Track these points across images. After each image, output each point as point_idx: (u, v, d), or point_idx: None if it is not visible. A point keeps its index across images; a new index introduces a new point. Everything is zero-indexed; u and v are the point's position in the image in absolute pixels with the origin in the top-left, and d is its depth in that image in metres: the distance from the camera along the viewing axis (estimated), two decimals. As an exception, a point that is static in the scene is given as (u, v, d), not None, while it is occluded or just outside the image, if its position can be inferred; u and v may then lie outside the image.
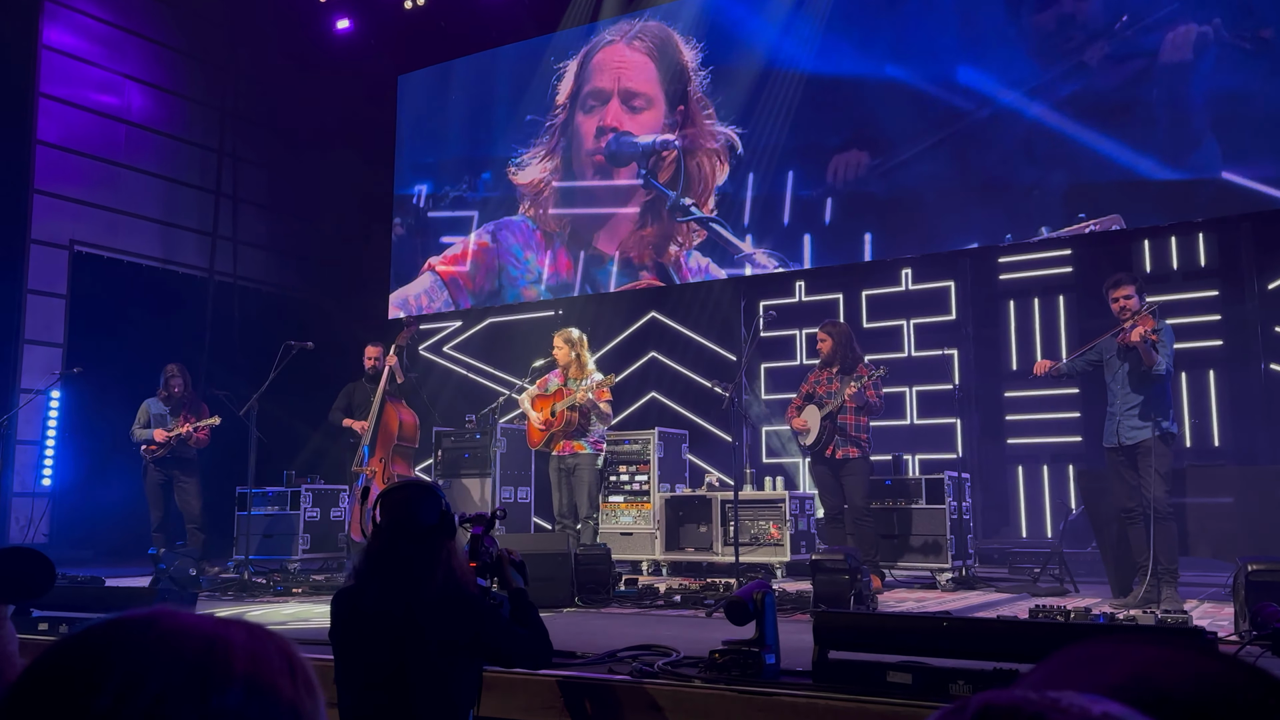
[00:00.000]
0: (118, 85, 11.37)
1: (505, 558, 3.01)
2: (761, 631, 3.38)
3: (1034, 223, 8.68)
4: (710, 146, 10.37)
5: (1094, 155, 8.42)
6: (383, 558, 2.59)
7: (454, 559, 2.63)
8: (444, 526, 2.64)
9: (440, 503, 2.66)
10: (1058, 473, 8.87)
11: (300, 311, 12.21)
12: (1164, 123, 8.17)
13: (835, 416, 6.89)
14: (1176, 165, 8.10)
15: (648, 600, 6.16)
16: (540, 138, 11.50)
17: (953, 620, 3.42)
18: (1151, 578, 5.63)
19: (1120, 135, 8.32)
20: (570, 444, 7.15)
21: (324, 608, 6.12)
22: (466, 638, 2.58)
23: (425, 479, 2.85)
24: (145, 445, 8.22)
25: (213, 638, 0.69)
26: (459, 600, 2.57)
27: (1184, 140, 8.08)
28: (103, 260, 11.02)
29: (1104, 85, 8.43)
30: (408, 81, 12.78)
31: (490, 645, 2.65)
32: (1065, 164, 8.56)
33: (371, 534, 2.67)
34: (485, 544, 2.98)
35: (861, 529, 6.84)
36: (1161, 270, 8.55)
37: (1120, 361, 5.89)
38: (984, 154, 8.93)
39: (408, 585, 2.53)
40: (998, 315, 9.33)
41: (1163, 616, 4.53)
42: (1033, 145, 8.70)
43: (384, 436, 7.59)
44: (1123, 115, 8.33)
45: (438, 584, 2.54)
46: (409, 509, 2.62)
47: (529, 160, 11.52)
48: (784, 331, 10.02)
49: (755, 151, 10.08)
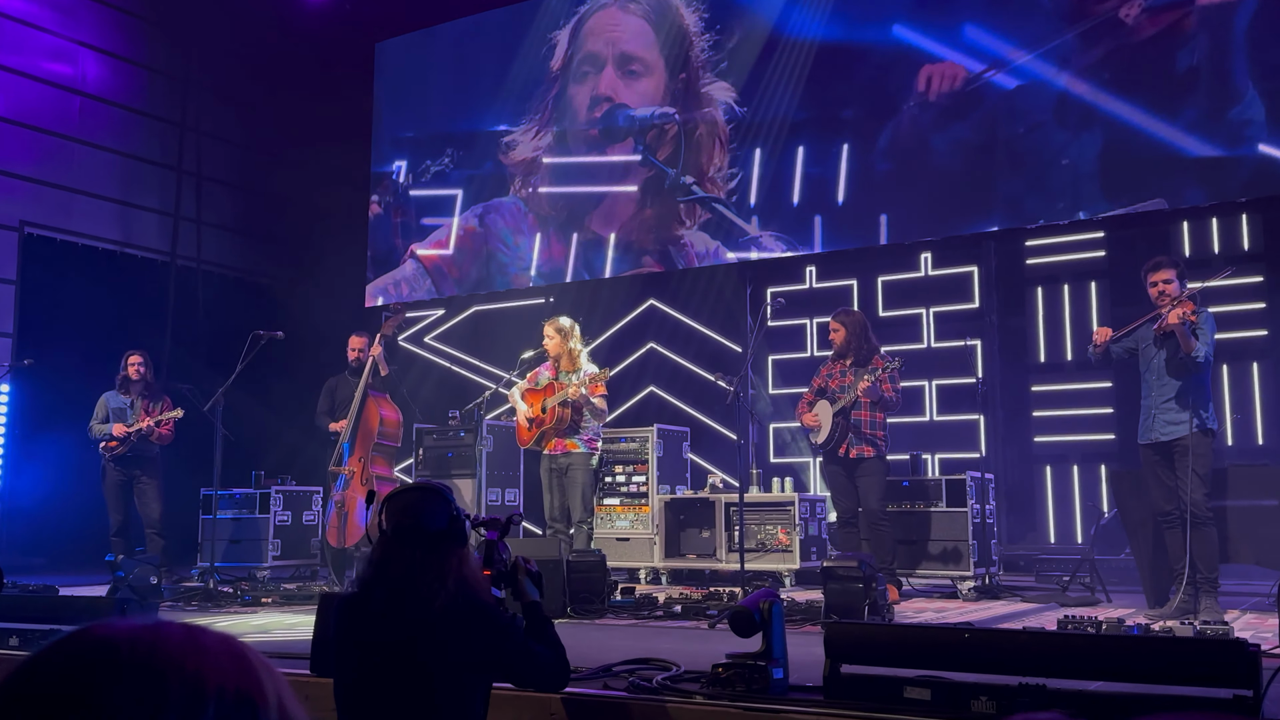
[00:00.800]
0: (71, 53, 11.34)
1: (521, 566, 2.99)
2: (769, 644, 3.39)
3: (1063, 202, 8.67)
4: (713, 119, 10.36)
5: (1127, 129, 8.40)
6: (388, 566, 2.57)
7: (465, 567, 2.60)
8: (454, 532, 2.62)
9: (450, 507, 2.65)
10: (1089, 473, 8.88)
11: (270, 298, 12.21)
12: (1204, 90, 8.16)
13: (849, 412, 6.90)
14: (1217, 140, 8.08)
15: (646, 611, 6.17)
16: (530, 111, 11.47)
17: (975, 632, 3.43)
18: (1189, 586, 5.64)
19: (1155, 106, 8.30)
20: (562, 442, 7.16)
21: (295, 618, 6.14)
22: (480, 654, 2.57)
23: (435, 481, 2.81)
24: (104, 442, 8.22)
25: (182, 657, 0.71)
26: (472, 613, 2.54)
27: (1226, 110, 8.07)
28: (55, 243, 11.00)
29: (1137, 46, 8.40)
30: (385, 50, 12.75)
31: (505, 664, 2.63)
32: (1096, 137, 8.54)
33: (376, 540, 2.65)
34: (500, 551, 2.96)
35: (877, 534, 6.85)
36: (1202, 254, 8.55)
37: (1156, 349, 5.89)
38: (1010, 127, 8.92)
39: (416, 596, 2.51)
40: (1024, 303, 9.33)
41: (1201, 628, 4.54)
42: (1065, 116, 8.68)
43: (363, 434, 7.58)
44: (1158, 83, 8.31)
45: (448, 595, 2.52)
46: (415, 513, 2.60)
47: (520, 138, 11.50)
48: (793, 321, 10.02)
49: (762, 125, 10.07)
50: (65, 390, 9.79)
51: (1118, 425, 8.57)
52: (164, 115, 12.14)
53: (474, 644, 2.55)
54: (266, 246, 12.96)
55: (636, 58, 10.92)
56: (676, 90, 10.62)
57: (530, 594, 2.97)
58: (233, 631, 5.50)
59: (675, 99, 10.61)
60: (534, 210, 11.36)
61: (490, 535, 2.98)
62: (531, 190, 11.37)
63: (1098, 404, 8.83)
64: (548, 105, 11.39)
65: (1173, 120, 8.24)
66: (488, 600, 2.67)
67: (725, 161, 10.27)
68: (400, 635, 2.51)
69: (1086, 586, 6.91)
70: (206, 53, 12.37)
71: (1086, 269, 9.12)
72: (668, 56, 10.73)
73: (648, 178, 10.68)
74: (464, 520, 2.69)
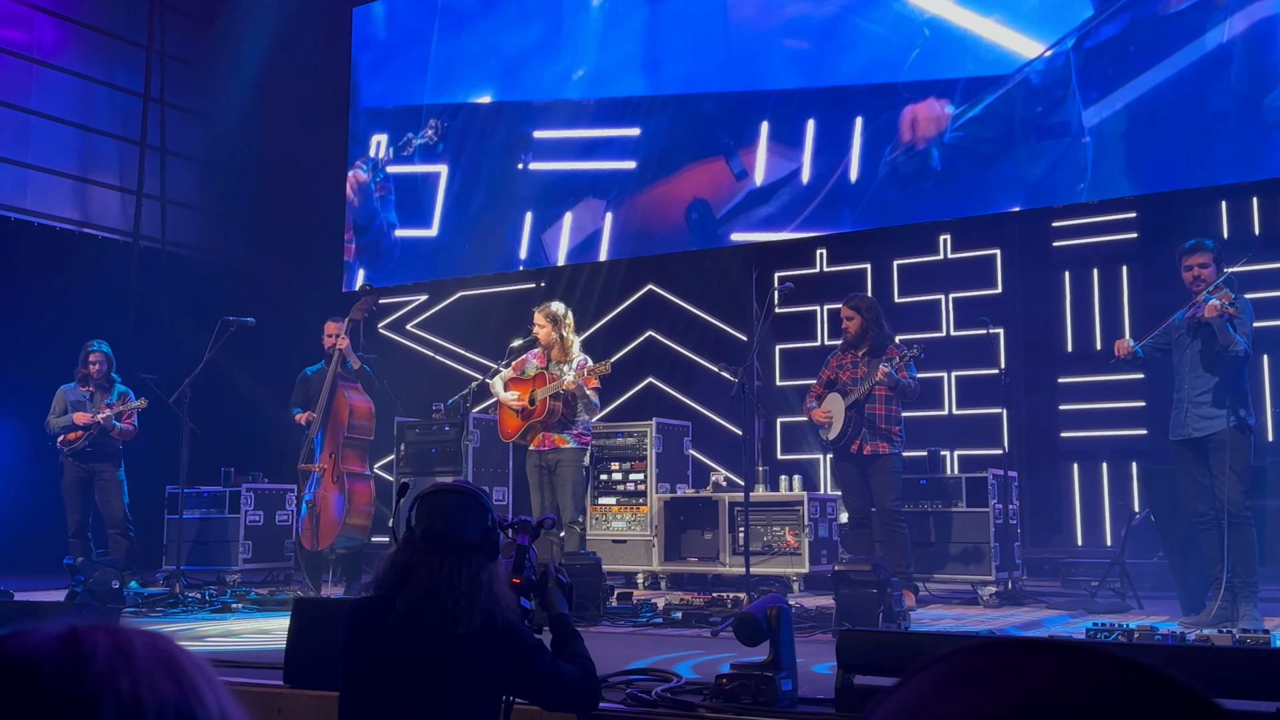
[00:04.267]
0: (25, 18, 11.29)
1: (552, 575, 2.96)
2: (776, 653, 3.39)
3: (1088, 178, 8.64)
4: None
5: (1156, 93, 8.37)
6: (413, 572, 2.53)
7: (495, 583, 2.58)
8: (487, 543, 2.59)
9: (486, 516, 2.62)
10: (1119, 471, 8.89)
11: (239, 282, 12.17)
12: (1238, 54, 8.13)
13: (862, 406, 6.90)
14: (1256, 114, 8.06)
15: (644, 617, 6.18)
16: (520, 81, 11.43)
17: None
18: (1226, 591, 5.65)
19: (1185, 81, 8.27)
20: (551, 437, 7.14)
21: (268, 623, 6.15)
22: (506, 677, 2.56)
23: (470, 484, 2.77)
24: (63, 435, 8.21)
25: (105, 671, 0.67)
26: (499, 635, 2.53)
27: (1270, 89, 8.05)
28: (9, 222, 10.97)
29: (1165, 20, 8.38)
30: (363, 14, 12.71)
31: (531, 687, 2.62)
32: (1122, 106, 8.50)
33: (403, 540, 2.63)
34: (530, 557, 2.94)
35: (892, 535, 6.86)
36: (1242, 235, 8.54)
37: (1190, 339, 5.89)
38: (1031, 99, 8.89)
39: (440, 611, 2.48)
40: (1050, 288, 9.33)
41: (1241, 636, 4.55)
42: (1088, 82, 8.64)
43: (333, 426, 7.57)
44: (1192, 55, 8.28)
45: (478, 613, 2.50)
46: (448, 519, 2.58)
47: (508, 110, 11.46)
48: (802, 307, 10.02)
49: (768, 95, 10.04)
50: (19, 382, 9.78)
51: (1150, 420, 8.57)
52: (125, 85, 12.10)
53: (500, 667, 2.54)
54: (236, 226, 12.91)
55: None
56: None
57: (559, 606, 2.93)
58: (197, 636, 5.47)
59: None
60: (525, 187, 11.33)
61: (521, 539, 2.95)
62: (523, 166, 11.35)
63: (1129, 397, 8.82)
64: (539, 75, 11.35)
65: (1203, 95, 8.21)
66: (516, 619, 2.64)
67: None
68: (420, 652, 2.48)
69: (1116, 592, 6.92)
70: (170, 19, 12.34)
71: (1117, 251, 9.12)
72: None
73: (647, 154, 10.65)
74: (498, 531, 2.66)
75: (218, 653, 4.95)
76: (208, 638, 5.71)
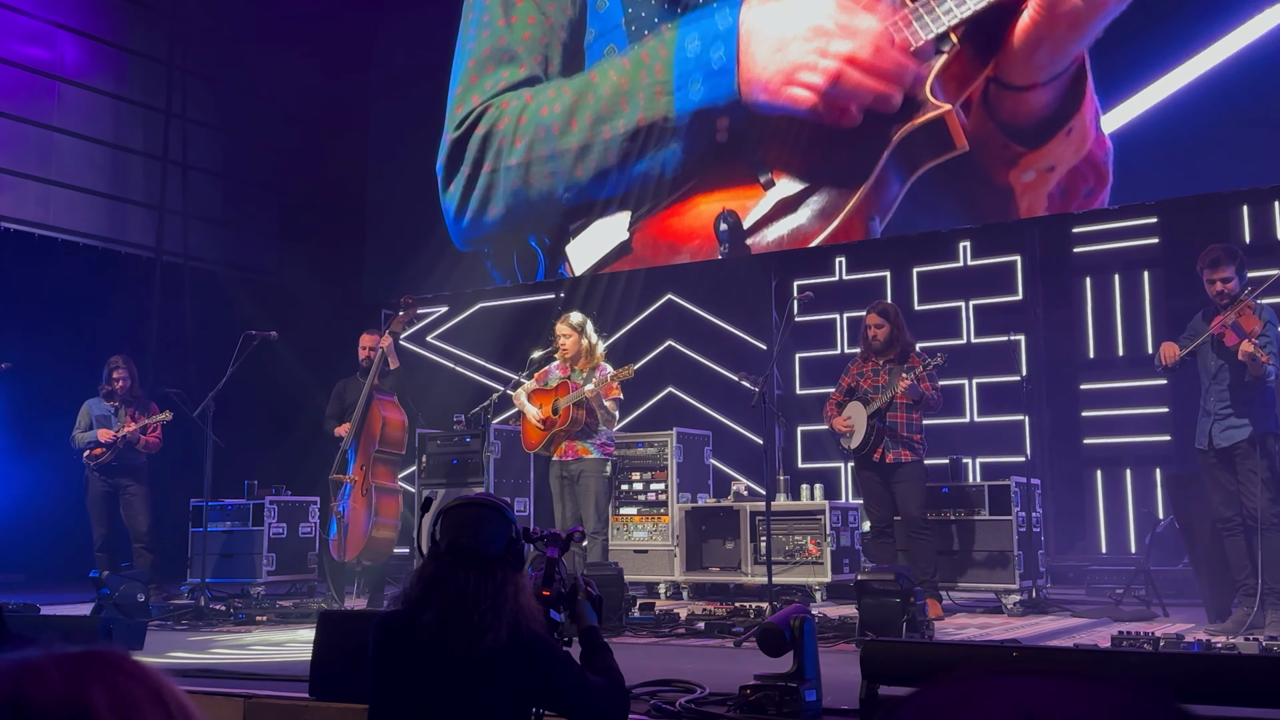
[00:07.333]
0: (48, 36, 11.41)
1: (581, 588, 2.97)
2: (800, 664, 3.39)
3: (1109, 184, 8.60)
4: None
5: (1176, 97, 8.32)
6: (439, 585, 2.55)
7: (522, 595, 2.59)
8: (512, 555, 2.60)
9: (510, 527, 2.63)
10: (1143, 477, 8.85)
11: (263, 296, 12.23)
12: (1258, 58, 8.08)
13: (884, 414, 6.88)
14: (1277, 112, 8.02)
15: (666, 628, 6.18)
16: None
17: (1023, 650, 3.43)
18: (1254, 599, 5.61)
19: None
20: (574, 447, 7.16)
21: (292, 635, 6.18)
22: (534, 691, 2.57)
23: (494, 496, 2.78)
24: (89, 450, 8.28)
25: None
26: (527, 648, 2.54)
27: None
28: (33, 239, 11.07)
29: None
30: (387, 27, 12.76)
31: (560, 700, 2.62)
32: (1142, 111, 8.47)
33: (428, 554, 2.65)
34: (560, 570, 2.95)
35: (917, 544, 6.83)
36: (1264, 240, 8.49)
37: (1215, 355, 5.85)
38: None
39: (467, 625, 2.49)
40: (1071, 294, 9.30)
41: (1268, 644, 4.52)
42: (1108, 74, 8.58)
43: (365, 439, 7.59)
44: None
45: (505, 625, 2.50)
46: (473, 532, 2.59)
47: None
48: (822, 315, 10.00)
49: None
50: (45, 396, 9.85)
51: (1174, 426, 8.53)
52: (147, 102, 12.19)
53: (527, 679, 2.55)
54: (258, 240, 13.00)
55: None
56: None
57: (589, 619, 2.94)
58: (226, 653, 5.49)
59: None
60: (549, 204, 11.32)
61: (551, 552, 2.96)
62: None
63: (1152, 403, 8.78)
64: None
65: (1223, 99, 8.16)
66: (544, 633, 2.65)
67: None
68: (448, 665, 2.50)
69: (1141, 600, 6.88)
70: (192, 35, 12.42)
71: (1138, 257, 9.08)
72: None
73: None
74: (523, 542, 2.67)
75: (243, 665, 4.98)
76: (232, 650, 5.74)
